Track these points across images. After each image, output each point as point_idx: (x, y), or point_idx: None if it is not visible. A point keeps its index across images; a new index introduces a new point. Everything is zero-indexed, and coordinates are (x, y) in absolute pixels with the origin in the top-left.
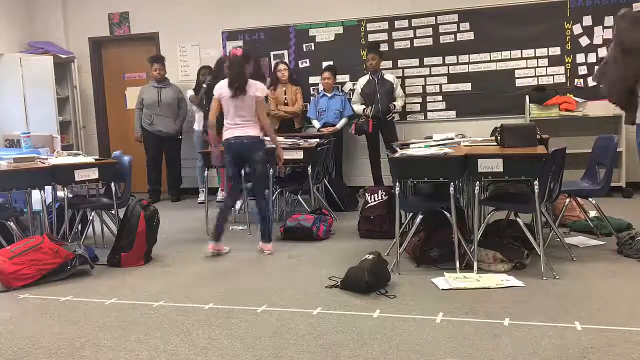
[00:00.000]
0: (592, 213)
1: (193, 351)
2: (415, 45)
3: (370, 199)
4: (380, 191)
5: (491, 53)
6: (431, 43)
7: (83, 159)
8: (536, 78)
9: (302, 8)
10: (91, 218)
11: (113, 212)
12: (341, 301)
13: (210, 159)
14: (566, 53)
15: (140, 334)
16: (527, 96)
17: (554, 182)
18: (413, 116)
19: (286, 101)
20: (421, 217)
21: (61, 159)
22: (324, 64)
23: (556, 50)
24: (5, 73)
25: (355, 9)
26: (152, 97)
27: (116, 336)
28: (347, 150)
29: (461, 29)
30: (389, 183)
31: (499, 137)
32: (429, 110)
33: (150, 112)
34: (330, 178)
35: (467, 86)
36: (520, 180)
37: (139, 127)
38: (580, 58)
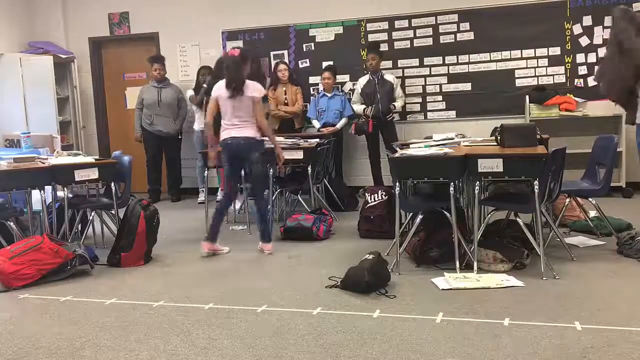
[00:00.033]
0: (592, 213)
1: (193, 351)
2: (415, 45)
3: (370, 199)
4: (380, 191)
5: (491, 53)
6: (431, 43)
7: (83, 159)
8: (536, 78)
9: (302, 8)
10: (91, 218)
11: (113, 212)
12: (341, 301)
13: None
14: (566, 53)
15: (140, 334)
16: (527, 96)
17: (554, 182)
18: (413, 116)
19: (286, 101)
20: (421, 217)
21: (61, 159)
22: (324, 64)
23: (556, 50)
24: (5, 73)
25: (355, 9)
26: (152, 97)
27: (116, 336)
28: (347, 150)
29: (461, 29)
30: (389, 183)
31: (499, 137)
32: (429, 110)
33: (150, 112)
34: (330, 178)
35: (467, 86)
36: (520, 180)
37: (139, 127)
38: (580, 58)
